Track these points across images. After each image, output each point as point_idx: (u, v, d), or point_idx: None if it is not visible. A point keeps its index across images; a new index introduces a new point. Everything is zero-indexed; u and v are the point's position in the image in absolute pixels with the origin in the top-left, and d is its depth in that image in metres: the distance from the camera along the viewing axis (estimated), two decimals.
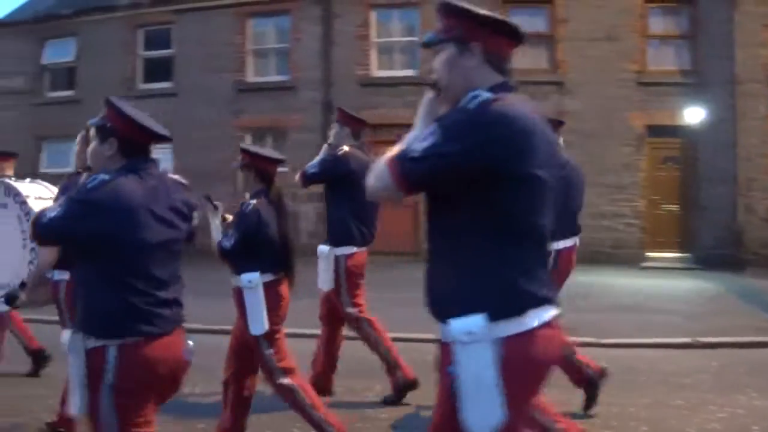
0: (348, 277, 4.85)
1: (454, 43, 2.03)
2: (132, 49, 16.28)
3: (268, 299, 3.80)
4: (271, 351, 3.85)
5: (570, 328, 6.56)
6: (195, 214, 2.76)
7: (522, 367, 1.88)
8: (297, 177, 4.97)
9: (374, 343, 4.91)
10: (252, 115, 15.01)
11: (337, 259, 4.82)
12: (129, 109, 2.59)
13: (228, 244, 3.82)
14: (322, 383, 4.86)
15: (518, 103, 1.95)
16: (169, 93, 15.54)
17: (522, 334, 1.86)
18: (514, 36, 2.04)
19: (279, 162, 4.11)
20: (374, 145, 14.06)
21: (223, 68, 15.26)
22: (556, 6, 13.99)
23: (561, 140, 4.72)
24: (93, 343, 2.34)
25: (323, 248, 4.89)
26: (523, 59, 13.99)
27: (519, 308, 1.87)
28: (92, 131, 2.59)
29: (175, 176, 2.76)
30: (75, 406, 2.40)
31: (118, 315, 2.37)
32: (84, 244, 2.43)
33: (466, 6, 2.03)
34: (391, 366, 4.86)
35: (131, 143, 2.53)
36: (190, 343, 2.65)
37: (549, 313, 1.93)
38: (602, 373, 4.62)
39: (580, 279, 10.88)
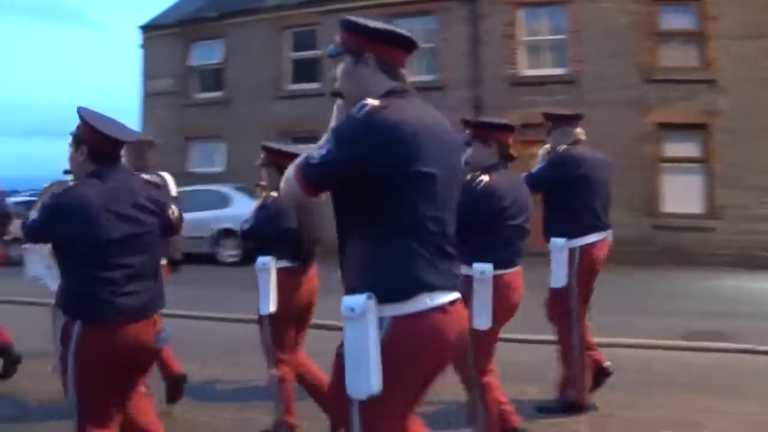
0: None
1: (350, 54, 2.37)
2: (279, 51, 17.50)
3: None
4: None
5: (727, 335, 7.00)
6: (170, 210, 3.28)
7: (405, 346, 2.18)
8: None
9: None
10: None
11: None
12: (97, 119, 3.13)
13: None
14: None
15: (406, 108, 2.24)
16: (318, 93, 16.41)
17: (408, 315, 2.17)
18: (405, 45, 2.38)
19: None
20: (524, 145, 15.12)
21: None
22: (706, 3, 14.17)
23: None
24: (65, 318, 3.04)
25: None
26: (674, 56, 14.77)
27: (406, 293, 2.17)
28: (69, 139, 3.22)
29: (147, 176, 3.31)
30: (52, 358, 3.20)
31: (81, 301, 2.99)
32: (55, 242, 3.15)
33: (359, 21, 2.36)
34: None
35: (98, 150, 3.11)
36: (166, 331, 3.17)
37: (442, 298, 2.22)
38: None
39: (735, 284, 11.25)
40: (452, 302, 2.27)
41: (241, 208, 13.95)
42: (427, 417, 3.69)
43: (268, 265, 4.18)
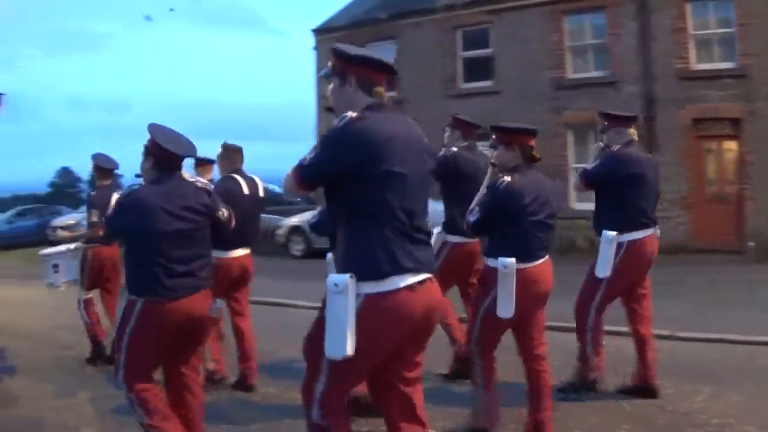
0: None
1: (337, 76, 3.10)
2: (451, 50, 19.34)
3: None
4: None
5: None
6: (220, 212, 4.35)
7: (375, 318, 2.85)
8: (576, 179, 5.96)
9: None
10: (573, 111, 17.25)
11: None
12: (164, 136, 4.16)
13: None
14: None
15: (379, 119, 2.94)
16: (490, 91, 18.36)
17: (380, 293, 2.85)
18: (382, 68, 3.10)
19: (530, 133, 5.06)
20: (699, 140, 16.57)
21: (542, 65, 17.70)
22: None
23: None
24: (130, 296, 4.08)
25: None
26: None
27: (380, 274, 2.85)
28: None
29: (201, 184, 4.30)
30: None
31: (143, 281, 4.02)
32: (121, 234, 4.33)
33: (344, 49, 3.07)
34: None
35: (161, 161, 4.14)
36: (217, 303, 4.30)
37: (410, 279, 2.88)
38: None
39: None
40: (421, 282, 2.94)
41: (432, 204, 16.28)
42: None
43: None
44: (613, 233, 5.48)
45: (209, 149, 6.49)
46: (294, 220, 19.01)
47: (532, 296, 4.56)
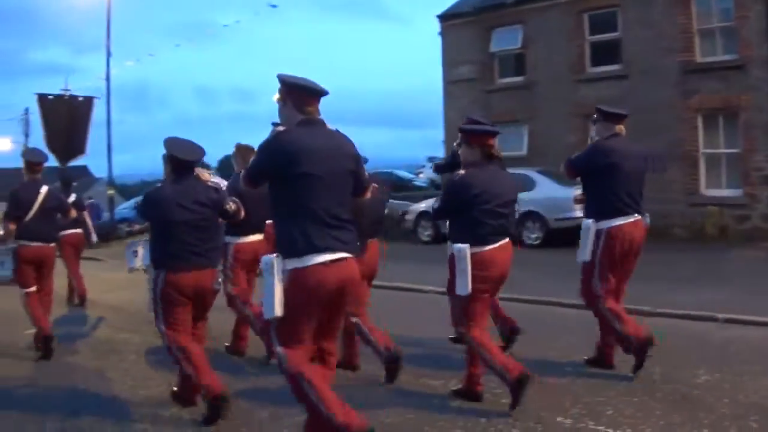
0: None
1: (281, 99, 4.41)
2: (578, 34, 20.68)
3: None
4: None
5: None
6: (227, 204, 5.79)
7: (297, 287, 4.08)
8: (561, 167, 6.77)
9: None
10: (702, 95, 18.25)
11: (598, 232, 6.43)
12: (176, 146, 5.68)
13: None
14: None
15: (302, 132, 4.22)
16: (618, 76, 19.67)
17: (299, 268, 4.07)
18: (312, 93, 4.34)
19: (490, 135, 5.85)
20: None
21: (671, 49, 18.71)
22: None
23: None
24: (154, 269, 5.68)
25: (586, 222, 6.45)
26: None
27: (298, 253, 4.07)
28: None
29: (212, 183, 5.83)
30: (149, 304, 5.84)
31: (163, 257, 5.62)
32: (148, 221, 5.93)
33: (284, 78, 4.33)
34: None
35: (176, 166, 5.66)
36: (219, 280, 5.85)
37: (324, 257, 4.08)
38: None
39: None
40: (335, 260, 4.14)
41: (546, 191, 17.33)
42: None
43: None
44: (590, 221, 6.39)
45: None
46: (422, 205, 20.59)
47: (486, 277, 5.56)
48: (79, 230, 11.90)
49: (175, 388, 5.96)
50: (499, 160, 5.86)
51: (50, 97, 27.54)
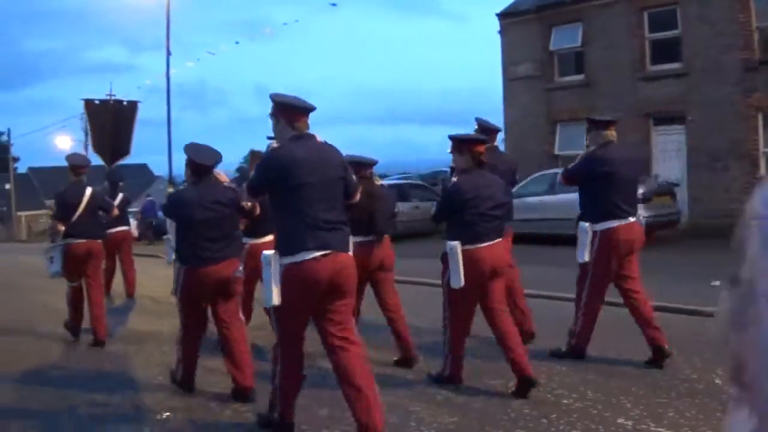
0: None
1: (273, 116, 5.16)
2: (638, 32, 21.37)
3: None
4: None
5: None
6: (244, 204, 6.61)
7: (291, 280, 4.86)
8: (559, 177, 7.66)
9: None
10: (762, 93, 18.82)
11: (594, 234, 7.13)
12: (194, 151, 6.56)
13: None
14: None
15: (293, 147, 4.97)
16: (679, 73, 20.36)
17: (293, 263, 4.86)
18: (301, 110, 5.10)
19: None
20: None
21: (731, 46, 19.31)
22: None
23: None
24: (180, 264, 6.55)
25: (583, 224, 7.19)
26: None
27: (292, 251, 4.87)
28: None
29: (227, 183, 6.74)
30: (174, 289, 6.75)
31: (185, 253, 6.49)
32: (173, 220, 6.75)
33: (275, 97, 5.08)
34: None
35: (195, 169, 6.52)
36: (240, 268, 6.64)
37: (314, 254, 4.86)
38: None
39: None
40: (324, 255, 4.91)
41: None
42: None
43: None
44: (587, 224, 7.11)
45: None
46: None
47: (479, 271, 6.33)
48: (125, 227, 13.24)
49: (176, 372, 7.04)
50: (488, 165, 6.69)
51: (96, 101, 29.96)
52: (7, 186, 60.43)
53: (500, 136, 8.85)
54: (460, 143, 6.67)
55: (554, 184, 17.62)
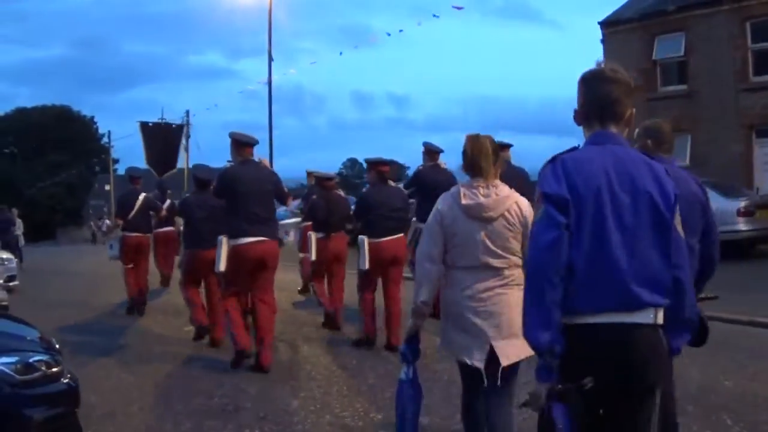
0: None
1: (231, 146, 8.70)
2: (740, 42, 22.11)
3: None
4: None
5: None
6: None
7: (234, 255, 8.45)
8: None
9: None
10: None
11: None
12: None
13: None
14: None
15: (237, 167, 8.57)
16: None
17: (237, 245, 8.38)
18: (247, 143, 8.60)
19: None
20: None
21: None
22: None
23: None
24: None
25: None
26: None
27: (236, 236, 8.38)
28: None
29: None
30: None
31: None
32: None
33: (232, 135, 8.62)
34: None
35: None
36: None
37: (248, 240, 8.32)
38: None
39: None
40: (254, 242, 8.33)
41: (715, 203, 18.45)
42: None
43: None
44: None
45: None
46: None
47: (380, 259, 9.28)
48: (170, 228, 15.49)
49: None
50: (391, 180, 9.96)
51: (150, 124, 37.23)
52: (107, 187, 63.83)
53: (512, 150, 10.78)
54: (369, 164, 9.90)
55: None
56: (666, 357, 3.14)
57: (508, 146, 10.20)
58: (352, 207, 10.71)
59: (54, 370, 5.37)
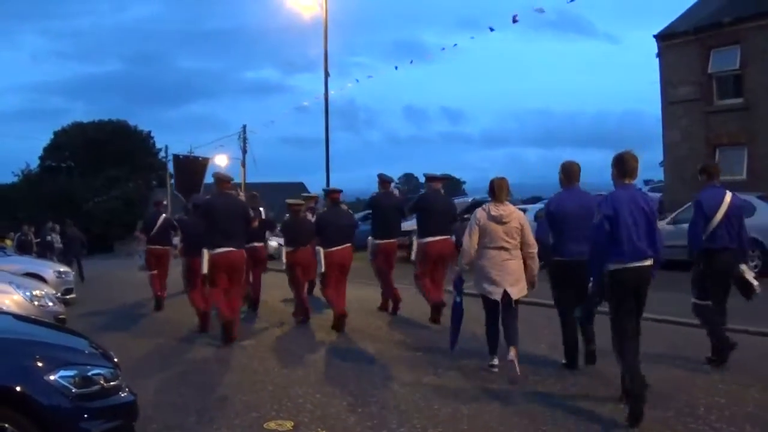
0: None
1: (214, 182, 13.47)
2: None
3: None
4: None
5: None
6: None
7: (214, 262, 12.47)
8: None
9: None
10: None
11: None
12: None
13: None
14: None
15: (214, 199, 12.88)
16: None
17: (214, 254, 12.41)
18: (222, 181, 13.05)
19: (336, 192, 14.59)
20: None
21: None
22: None
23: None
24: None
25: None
26: None
27: (214, 247, 12.38)
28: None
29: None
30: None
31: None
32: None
33: (214, 175, 13.56)
34: None
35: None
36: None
37: (222, 250, 12.38)
38: None
39: None
40: (228, 251, 12.42)
41: (766, 217, 17.59)
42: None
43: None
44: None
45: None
46: None
47: (333, 263, 13.44)
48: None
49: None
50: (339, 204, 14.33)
51: (181, 156, 48.58)
52: (165, 202, 65.60)
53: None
54: (325, 193, 15.14)
55: None
56: (650, 279, 7.49)
57: (391, 181, 15.80)
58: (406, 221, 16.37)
59: (112, 383, 5.66)
